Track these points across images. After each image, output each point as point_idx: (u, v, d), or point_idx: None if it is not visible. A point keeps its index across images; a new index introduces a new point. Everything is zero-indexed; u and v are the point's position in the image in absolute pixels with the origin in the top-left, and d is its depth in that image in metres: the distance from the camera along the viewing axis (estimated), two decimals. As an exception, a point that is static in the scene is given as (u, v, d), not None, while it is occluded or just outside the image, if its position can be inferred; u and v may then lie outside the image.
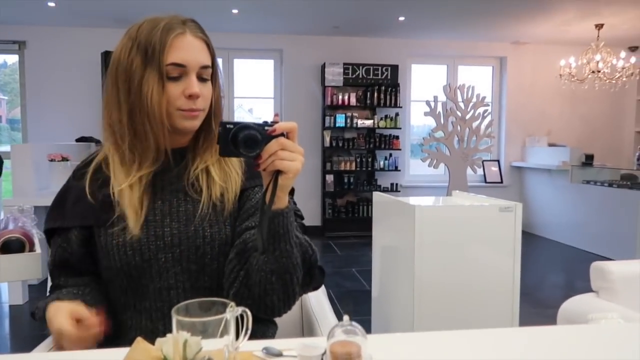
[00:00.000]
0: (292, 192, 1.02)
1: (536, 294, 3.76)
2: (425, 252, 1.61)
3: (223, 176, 0.96)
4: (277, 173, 0.79)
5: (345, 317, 0.65)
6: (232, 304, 0.66)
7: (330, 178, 5.96)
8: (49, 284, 1.09)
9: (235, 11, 5.04)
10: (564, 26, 5.44)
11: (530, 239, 5.76)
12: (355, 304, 3.53)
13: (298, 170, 0.79)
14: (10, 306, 3.43)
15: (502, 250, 1.65)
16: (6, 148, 6.02)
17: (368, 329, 2.14)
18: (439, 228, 1.63)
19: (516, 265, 1.64)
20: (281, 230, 0.83)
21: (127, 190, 0.93)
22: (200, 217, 0.93)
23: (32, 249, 1.19)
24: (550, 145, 6.25)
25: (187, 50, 0.90)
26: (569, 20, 5.22)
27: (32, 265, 1.14)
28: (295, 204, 1.00)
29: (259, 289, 0.86)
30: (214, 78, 0.95)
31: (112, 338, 0.98)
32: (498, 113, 6.58)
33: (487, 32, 5.84)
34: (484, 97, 5.35)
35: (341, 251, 5.20)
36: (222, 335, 0.62)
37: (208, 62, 0.93)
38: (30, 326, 3.17)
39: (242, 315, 0.68)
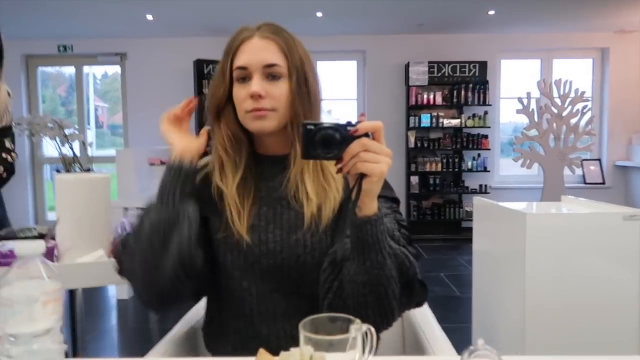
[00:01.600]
0: (397, 201, 0.98)
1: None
2: (537, 265, 1.49)
3: (320, 191, 0.93)
4: (361, 176, 0.74)
5: (480, 341, 0.61)
6: (357, 321, 0.64)
7: (415, 179, 5.83)
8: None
9: (319, 14, 5.08)
10: (678, 10, 4.92)
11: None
12: (444, 309, 3.41)
13: (383, 174, 0.74)
14: (118, 300, 3.70)
15: (626, 263, 1.49)
16: (110, 152, 6.53)
17: (464, 338, 2.05)
18: (553, 238, 1.49)
19: (643, 280, 1.48)
20: (370, 239, 0.78)
21: (230, 199, 0.94)
22: (301, 226, 0.92)
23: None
24: (661, 142, 5.69)
25: (251, 52, 0.91)
26: (685, 4, 4.71)
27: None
28: (400, 213, 0.96)
29: (352, 302, 0.82)
30: (290, 77, 0.92)
31: (218, 343, 1.00)
32: (599, 109, 6.08)
33: (586, 21, 5.42)
34: (583, 92, 4.96)
35: (427, 255, 5.06)
36: (347, 351, 0.61)
37: (275, 60, 0.91)
38: (135, 319, 3.40)
39: (366, 333, 0.66)
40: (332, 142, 0.73)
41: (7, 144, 1.69)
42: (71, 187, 1.18)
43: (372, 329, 0.66)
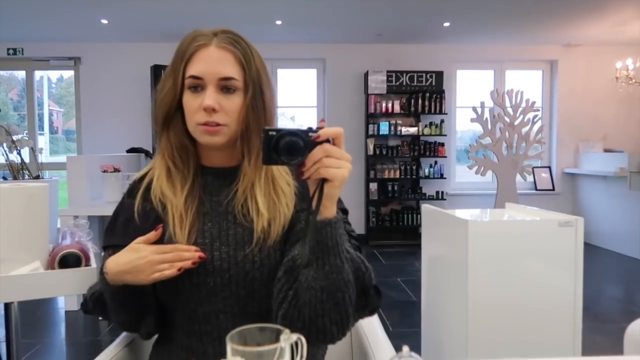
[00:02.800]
0: (345, 212, 0.98)
1: (595, 307, 3.57)
2: (479, 269, 1.54)
3: (270, 205, 0.91)
4: (323, 181, 0.75)
5: (405, 348, 0.62)
6: (287, 331, 0.64)
7: (374, 186, 5.90)
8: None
9: (278, 22, 5.09)
10: (619, 26, 5.19)
11: (585, 248, 5.49)
12: (401, 315, 3.46)
13: (344, 178, 0.75)
14: (66, 312, 3.57)
15: (562, 267, 1.56)
16: (62, 159, 6.32)
17: (418, 342, 2.09)
18: (493, 244, 1.55)
19: (578, 284, 1.54)
20: (330, 242, 0.78)
21: (175, 211, 0.92)
22: (249, 242, 0.90)
23: (87, 264, 1.22)
24: (606, 150, 5.96)
25: (207, 62, 0.88)
26: (625, 20, 4.97)
27: (88, 278, 1.17)
28: (349, 224, 0.96)
29: (309, 310, 0.80)
30: (246, 91, 0.90)
31: (164, 356, 0.99)
32: (549, 118, 6.34)
33: (537, 35, 5.65)
34: (533, 102, 5.16)
35: (386, 260, 5.13)
36: (276, 363, 0.61)
37: (231, 73, 0.88)
38: (85, 331, 3.29)
39: (296, 343, 0.66)
40: (296, 148, 0.73)
41: None
42: (6, 197, 1.14)
43: (302, 339, 0.65)
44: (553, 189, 6.24)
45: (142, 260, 0.85)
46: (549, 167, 6.32)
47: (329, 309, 0.80)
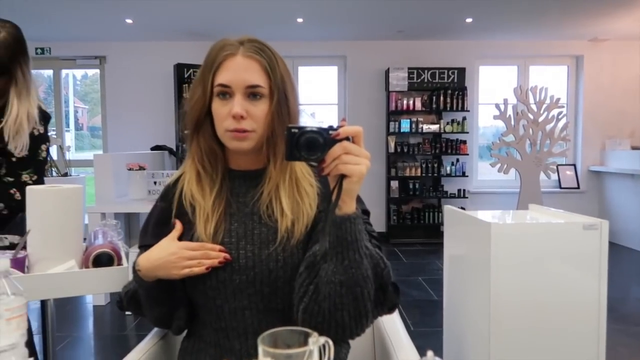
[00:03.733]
0: (367, 213, 1.01)
1: (621, 309, 3.51)
2: (501, 271, 1.54)
3: (294, 206, 0.95)
4: (342, 177, 0.78)
5: (430, 353, 0.64)
6: (315, 334, 0.67)
7: (394, 184, 5.89)
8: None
9: (300, 20, 5.11)
10: (649, 20, 5.06)
11: (611, 249, 5.36)
12: (422, 314, 3.46)
13: (362, 174, 0.77)
14: (94, 306, 3.66)
15: (587, 270, 1.54)
16: (87, 155, 6.47)
17: (439, 342, 2.09)
18: (516, 246, 1.54)
19: (602, 287, 1.53)
20: (349, 237, 0.81)
21: (204, 212, 0.96)
22: (273, 241, 0.94)
23: (119, 263, 1.26)
24: (634, 148, 5.82)
25: (234, 71, 0.92)
26: (655, 14, 4.85)
27: (120, 277, 1.21)
28: (370, 224, 0.98)
29: (328, 304, 0.84)
30: (271, 97, 0.94)
31: (192, 352, 1.03)
32: (574, 115, 6.23)
33: (561, 30, 5.55)
34: (558, 99, 5.08)
35: (407, 258, 5.12)
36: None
37: (257, 81, 0.92)
38: (112, 326, 3.38)
39: (324, 346, 0.68)
40: (316, 145, 0.76)
41: (25, 176, 1.49)
42: (42, 198, 1.19)
43: (330, 342, 0.68)
44: (578, 187, 6.13)
45: (173, 256, 0.92)
46: (574, 165, 6.21)
47: (347, 304, 0.83)
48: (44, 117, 1.57)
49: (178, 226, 0.97)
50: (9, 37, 1.46)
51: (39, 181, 1.53)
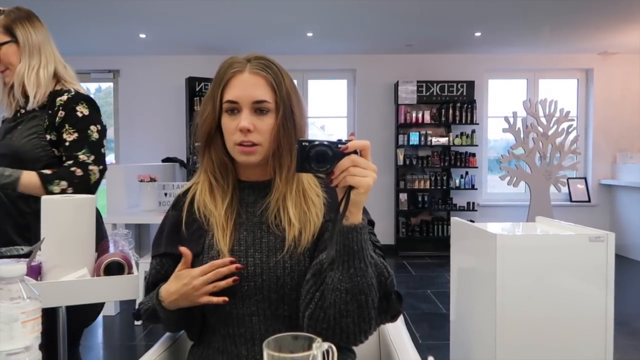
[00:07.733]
0: (372, 224, 1.03)
1: (633, 324, 3.46)
2: (508, 283, 1.54)
3: (301, 215, 0.99)
4: (349, 189, 0.81)
5: (430, 359, 0.65)
6: (319, 339, 0.69)
7: (403, 197, 5.89)
8: (141, 296, 1.21)
9: (310, 34, 5.18)
10: (659, 34, 5.06)
11: (623, 263, 5.32)
12: (431, 327, 3.45)
13: (369, 186, 0.81)
14: (104, 316, 3.69)
15: (593, 281, 1.54)
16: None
17: (447, 356, 2.09)
18: (522, 258, 1.55)
19: (609, 299, 1.52)
20: (355, 246, 0.84)
21: (217, 222, 1.00)
22: (280, 249, 0.97)
23: (130, 271, 1.29)
24: (645, 161, 5.78)
25: (241, 87, 0.97)
26: (664, 28, 4.85)
27: (130, 286, 1.23)
28: (375, 234, 1.01)
29: (333, 311, 0.87)
30: (277, 111, 0.98)
31: (201, 358, 1.05)
32: (584, 128, 6.20)
33: (571, 44, 5.55)
34: (568, 112, 5.07)
35: (415, 271, 5.10)
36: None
37: (264, 96, 0.97)
38: (121, 336, 3.40)
39: (327, 351, 0.70)
40: (325, 157, 0.80)
41: (82, 156, 1.49)
42: (56, 207, 1.22)
43: (333, 347, 0.70)
44: (589, 201, 6.08)
45: (187, 287, 0.95)
46: (585, 178, 6.17)
47: (352, 311, 0.86)
48: (86, 100, 1.61)
49: (186, 258, 0.98)
50: (14, 8, 1.55)
51: (99, 162, 1.51)
